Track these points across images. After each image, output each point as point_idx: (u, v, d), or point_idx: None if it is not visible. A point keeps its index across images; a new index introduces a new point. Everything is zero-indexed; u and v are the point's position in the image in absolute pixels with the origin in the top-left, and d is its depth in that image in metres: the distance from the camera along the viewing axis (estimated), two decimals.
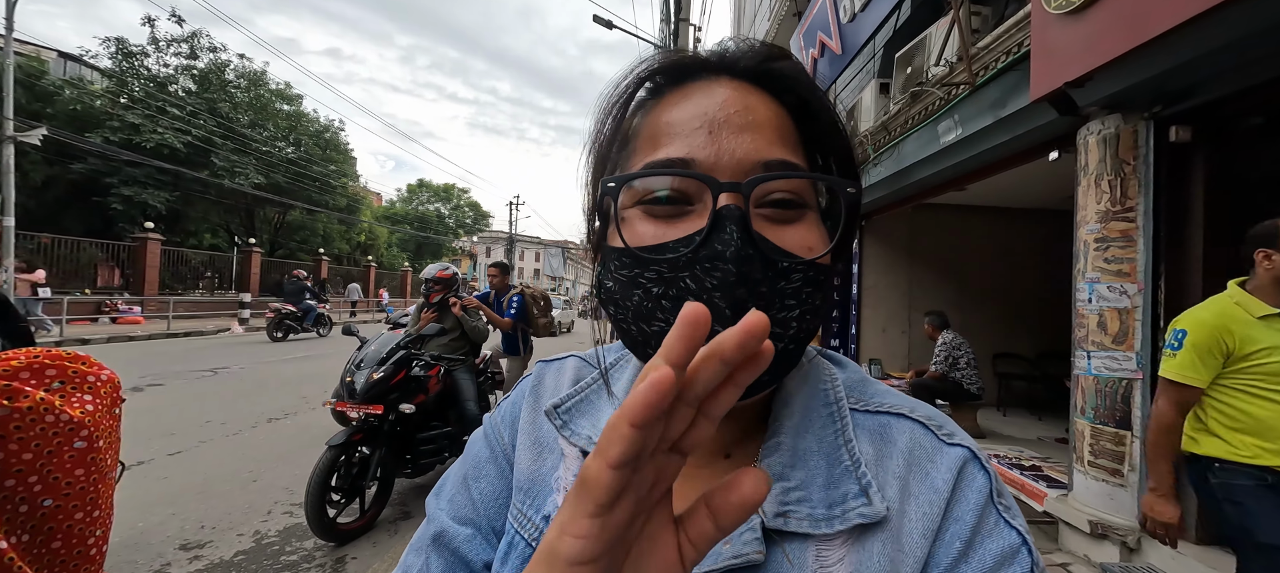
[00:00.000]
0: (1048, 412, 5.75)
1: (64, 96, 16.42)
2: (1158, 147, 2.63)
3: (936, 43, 4.01)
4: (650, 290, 0.34)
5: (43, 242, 13.36)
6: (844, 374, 0.43)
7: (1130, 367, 2.76)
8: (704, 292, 0.32)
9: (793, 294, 0.33)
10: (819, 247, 0.35)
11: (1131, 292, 2.75)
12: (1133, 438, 2.74)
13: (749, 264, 0.32)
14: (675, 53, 0.39)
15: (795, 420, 0.38)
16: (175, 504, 3.23)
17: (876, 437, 0.38)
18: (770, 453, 0.37)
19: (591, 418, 0.43)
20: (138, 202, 16.51)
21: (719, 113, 0.35)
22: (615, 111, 0.39)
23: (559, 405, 0.44)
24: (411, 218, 37.27)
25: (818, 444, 0.37)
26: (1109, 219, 2.81)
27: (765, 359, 0.20)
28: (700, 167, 0.34)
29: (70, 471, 0.80)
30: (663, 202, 0.35)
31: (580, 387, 0.45)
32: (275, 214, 22.69)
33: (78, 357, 0.85)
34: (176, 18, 18.48)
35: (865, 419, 0.39)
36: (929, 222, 6.55)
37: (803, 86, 0.38)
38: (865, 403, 0.40)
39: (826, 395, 0.40)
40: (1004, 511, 0.35)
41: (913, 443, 0.37)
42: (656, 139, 0.36)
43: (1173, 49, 2.23)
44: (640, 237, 0.35)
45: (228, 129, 19.18)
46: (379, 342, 3.50)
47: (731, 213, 0.32)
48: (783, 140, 0.36)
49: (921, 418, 0.39)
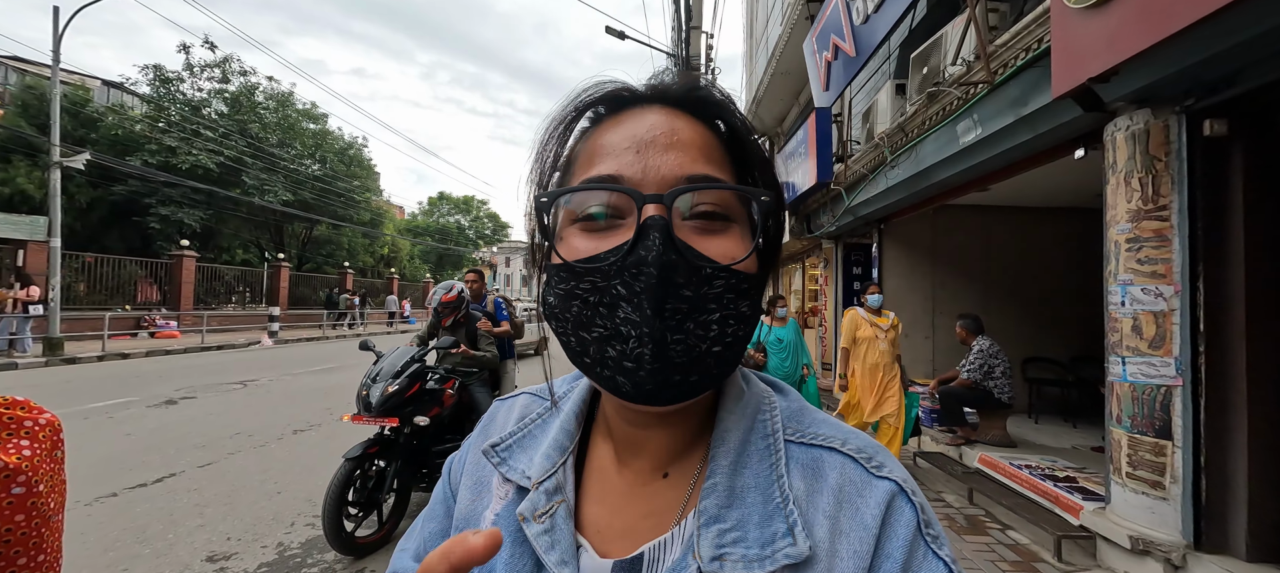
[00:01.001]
0: (1083, 419, 5.50)
1: (107, 122, 17.30)
2: (1191, 141, 2.51)
3: (953, 41, 3.92)
4: (587, 299, 0.36)
5: (87, 260, 14.03)
6: (783, 402, 0.44)
7: (1169, 373, 2.62)
8: (633, 296, 0.34)
9: (715, 299, 0.35)
10: (742, 256, 0.37)
11: (1168, 294, 2.62)
12: (1174, 448, 2.60)
13: (672, 269, 0.34)
14: (612, 84, 0.42)
15: (732, 457, 0.39)
16: (203, 516, 3.32)
17: (808, 472, 0.39)
18: (708, 495, 0.37)
19: (530, 453, 0.45)
20: (174, 220, 17.24)
21: (647, 134, 0.37)
22: (555, 138, 0.42)
23: (498, 444, 0.46)
24: (432, 230, 37.98)
25: (754, 480, 0.38)
26: (1141, 218, 2.69)
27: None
28: (628, 182, 0.36)
29: (9, 517, 0.81)
30: (597, 218, 0.37)
31: (523, 424, 0.48)
32: (303, 230, 23.42)
33: (15, 402, 0.87)
34: (209, 44, 19.33)
35: (799, 452, 0.40)
36: (952, 223, 6.38)
37: (725, 112, 0.41)
38: (801, 434, 0.41)
39: (764, 427, 0.41)
40: (932, 540, 0.36)
41: (842, 478, 0.38)
42: (592, 160, 0.39)
43: (1204, 39, 2.12)
44: (577, 251, 0.37)
45: (257, 149, 19.92)
46: (394, 355, 3.55)
47: (655, 222, 0.34)
48: (706, 158, 0.38)
49: (852, 451, 0.40)
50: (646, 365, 0.34)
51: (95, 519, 3.22)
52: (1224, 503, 2.50)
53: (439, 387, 3.46)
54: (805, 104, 8.94)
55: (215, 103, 20.03)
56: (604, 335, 0.35)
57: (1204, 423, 2.53)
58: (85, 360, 10.02)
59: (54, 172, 10.82)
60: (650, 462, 0.41)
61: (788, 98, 10.59)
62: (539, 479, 0.41)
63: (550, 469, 0.41)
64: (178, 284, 15.40)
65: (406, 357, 3.45)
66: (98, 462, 4.23)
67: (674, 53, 8.43)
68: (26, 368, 9.08)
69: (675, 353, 0.34)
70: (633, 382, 0.35)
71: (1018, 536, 3.36)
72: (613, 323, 0.35)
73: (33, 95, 16.55)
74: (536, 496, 0.40)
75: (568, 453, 0.42)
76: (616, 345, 0.35)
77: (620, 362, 0.35)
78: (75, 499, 3.49)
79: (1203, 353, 2.53)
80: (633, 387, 0.35)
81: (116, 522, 3.20)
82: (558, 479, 0.41)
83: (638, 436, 0.41)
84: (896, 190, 5.06)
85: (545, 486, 0.41)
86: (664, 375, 0.34)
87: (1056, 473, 3.76)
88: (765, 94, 10.54)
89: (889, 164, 4.98)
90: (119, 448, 4.61)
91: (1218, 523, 2.50)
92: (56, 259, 10.67)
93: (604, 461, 0.43)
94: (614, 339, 0.35)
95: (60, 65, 11.10)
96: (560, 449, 0.43)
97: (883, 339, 4.15)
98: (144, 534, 3.05)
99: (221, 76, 20.02)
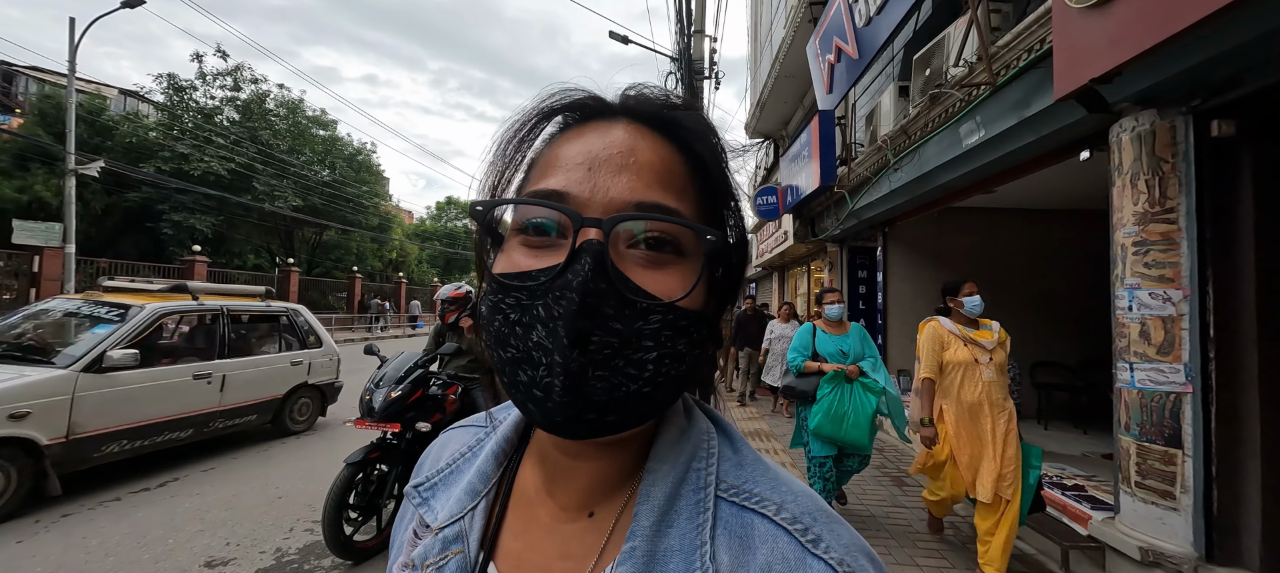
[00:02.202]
0: (1094, 425, 5.40)
1: (122, 130, 17.61)
2: (1198, 143, 2.45)
3: (955, 43, 3.88)
4: (508, 316, 0.34)
5: (102, 266, 14.26)
6: (723, 447, 0.40)
7: (1178, 379, 2.56)
8: (551, 319, 0.32)
9: (650, 336, 0.33)
10: (683, 293, 0.35)
11: (1176, 298, 2.56)
12: (1184, 457, 2.53)
13: (600, 298, 0.32)
14: (579, 93, 0.40)
15: (656, 516, 0.35)
16: (204, 521, 3.34)
17: (736, 542, 0.35)
18: (625, 560, 0.34)
19: (447, 493, 0.43)
20: (186, 226, 17.50)
21: (603, 152, 0.35)
22: (516, 142, 0.40)
23: (422, 483, 0.45)
24: (440, 235, 38.26)
25: (679, 543, 0.35)
26: (1147, 221, 2.63)
27: None
28: (572, 201, 0.34)
29: None
30: (540, 232, 0.35)
31: (452, 460, 0.46)
32: (312, 234, 23.67)
33: None
34: (221, 53, 19.66)
35: (731, 516, 0.36)
36: (957, 226, 6.30)
37: (695, 136, 0.38)
38: (736, 492, 0.37)
39: (697, 478, 0.37)
40: None
41: (771, 556, 0.34)
42: (545, 171, 0.37)
43: (1208, 39, 2.08)
44: (514, 264, 0.36)
45: (268, 155, 20.18)
46: (398, 360, 3.56)
47: (590, 247, 0.32)
48: (662, 184, 0.36)
49: (786, 522, 0.35)
50: (556, 397, 0.32)
51: (97, 523, 3.25)
52: (1236, 514, 2.43)
53: (441, 393, 3.47)
54: (810, 107, 8.90)
55: (227, 110, 20.35)
56: (516, 357, 0.34)
57: (1215, 431, 2.46)
58: None
59: (69, 179, 11.04)
60: (575, 496, 0.39)
61: (792, 101, 10.56)
62: (441, 526, 0.39)
63: (456, 515, 0.39)
64: None
65: (410, 362, 3.47)
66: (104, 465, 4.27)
67: (677, 57, 8.43)
68: None
69: (594, 389, 0.32)
70: (542, 411, 0.33)
71: (1024, 546, 3.29)
72: (526, 345, 0.33)
73: (51, 104, 16.90)
74: (431, 542, 0.38)
75: (480, 497, 0.40)
76: (527, 370, 0.33)
77: (530, 388, 0.33)
78: (79, 503, 3.53)
79: (1213, 359, 2.46)
80: (542, 416, 0.33)
81: (119, 526, 3.22)
82: (462, 527, 0.39)
83: (563, 464, 0.39)
84: (900, 193, 5.01)
85: (445, 533, 0.39)
86: (575, 411, 0.32)
87: (1064, 481, 3.68)
88: (769, 97, 10.51)
89: (892, 167, 4.93)
90: None
91: (1230, 535, 2.43)
92: (71, 265, 10.87)
93: (531, 489, 0.41)
94: (525, 363, 0.33)
95: (76, 75, 11.33)
96: (471, 494, 0.40)
97: (987, 364, 2.85)
98: (144, 539, 3.07)
99: (233, 84, 20.35)
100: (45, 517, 3.30)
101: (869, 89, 6.78)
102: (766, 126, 12.42)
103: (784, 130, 11.99)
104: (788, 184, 7.98)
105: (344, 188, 23.58)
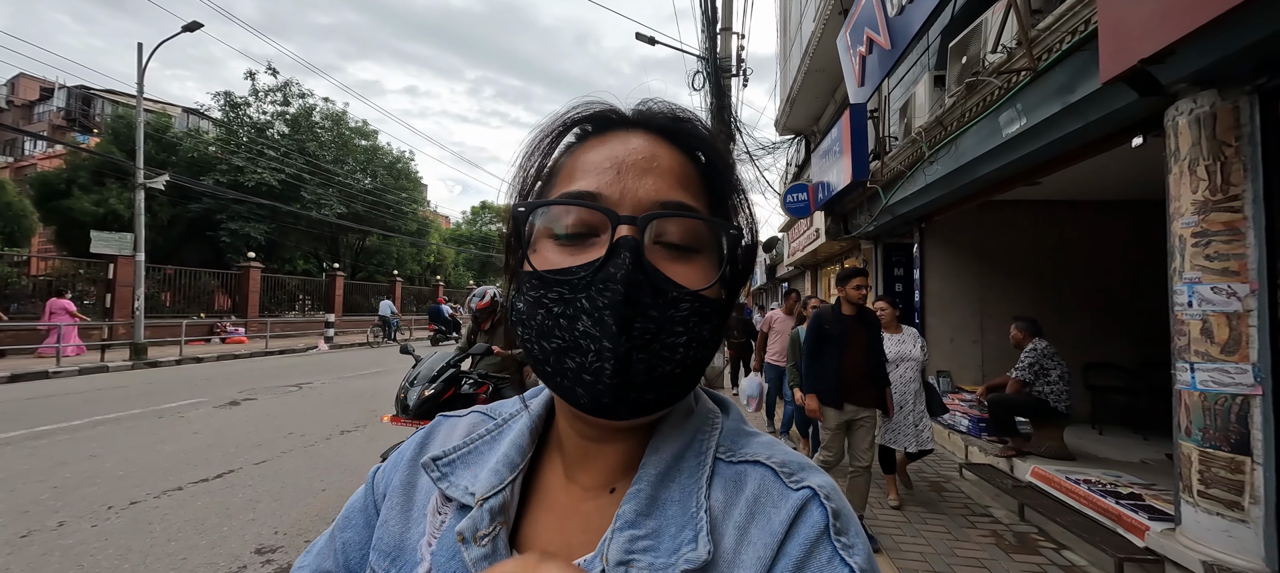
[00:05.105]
0: (1154, 430, 5.04)
1: (184, 146, 18.91)
2: (1265, 124, 2.26)
3: (993, 27, 3.71)
4: (552, 309, 0.37)
5: (167, 273, 15.35)
6: (726, 422, 0.44)
7: (1246, 380, 2.36)
8: (597, 309, 0.35)
9: (681, 322, 0.37)
10: (707, 284, 0.38)
11: (1243, 293, 2.37)
12: (1254, 465, 2.33)
13: (639, 288, 0.35)
14: (599, 105, 0.43)
15: (662, 468, 0.39)
16: (255, 511, 3.55)
17: (730, 486, 0.39)
18: (629, 500, 0.38)
19: (474, 470, 0.43)
20: (242, 234, 18.64)
21: (628, 157, 0.39)
22: (540, 151, 0.43)
23: (440, 457, 0.44)
24: (475, 238, 39.24)
25: (679, 493, 0.38)
26: (1209, 210, 2.44)
27: None
28: (605, 201, 0.37)
29: None
30: (572, 234, 0.38)
31: (471, 439, 0.46)
32: (356, 240, 24.74)
33: None
34: (272, 70, 20.84)
35: (727, 469, 0.40)
36: (1000, 220, 6.02)
37: (705, 144, 0.42)
38: (733, 454, 0.41)
39: (700, 445, 0.41)
40: (842, 548, 0.35)
41: (758, 490, 0.38)
42: (573, 176, 0.40)
43: (1273, 10, 1.91)
44: (549, 262, 0.38)
45: (314, 166, 21.23)
46: (431, 360, 3.69)
47: (627, 242, 0.35)
48: (682, 186, 0.39)
49: (774, 464, 0.39)
50: (605, 380, 0.35)
51: (161, 511, 3.50)
52: None
53: (473, 391, 3.56)
54: (841, 101, 8.68)
55: (277, 124, 21.53)
56: (562, 347, 0.36)
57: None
58: (165, 364, 10.94)
59: (139, 192, 11.92)
60: (598, 477, 0.41)
61: (823, 95, 10.33)
62: (485, 495, 0.39)
63: (498, 486, 0.40)
64: (246, 293, 16.60)
65: (443, 362, 3.59)
66: (169, 457, 4.60)
67: (705, 56, 8.37)
68: (116, 370, 10.00)
69: (637, 370, 0.35)
70: (591, 395, 0.35)
71: (1074, 556, 3.11)
72: (572, 335, 0.36)
73: (123, 124, 18.34)
74: (479, 514, 0.38)
75: (518, 470, 0.41)
76: (575, 357, 0.36)
77: (579, 374, 0.36)
78: (145, 492, 3.80)
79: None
80: (590, 399, 0.36)
81: (180, 513, 3.46)
82: (505, 497, 0.40)
83: (589, 449, 0.41)
84: (936, 187, 4.82)
85: (490, 503, 0.39)
86: (622, 392, 0.35)
87: (1119, 489, 3.45)
88: (800, 93, 10.31)
89: (927, 160, 4.75)
90: (187, 445, 5.00)
91: None
92: (141, 272, 11.73)
93: (551, 478, 0.43)
94: (572, 351, 0.36)
95: (144, 95, 12.23)
96: (510, 465, 0.41)
97: None
98: (203, 526, 3.29)
99: (283, 99, 21.52)
100: (117, 504, 3.58)
101: (903, 80, 6.55)
102: (797, 123, 12.18)
103: (815, 126, 11.73)
104: (819, 181, 7.80)
105: (384, 195, 24.53)
